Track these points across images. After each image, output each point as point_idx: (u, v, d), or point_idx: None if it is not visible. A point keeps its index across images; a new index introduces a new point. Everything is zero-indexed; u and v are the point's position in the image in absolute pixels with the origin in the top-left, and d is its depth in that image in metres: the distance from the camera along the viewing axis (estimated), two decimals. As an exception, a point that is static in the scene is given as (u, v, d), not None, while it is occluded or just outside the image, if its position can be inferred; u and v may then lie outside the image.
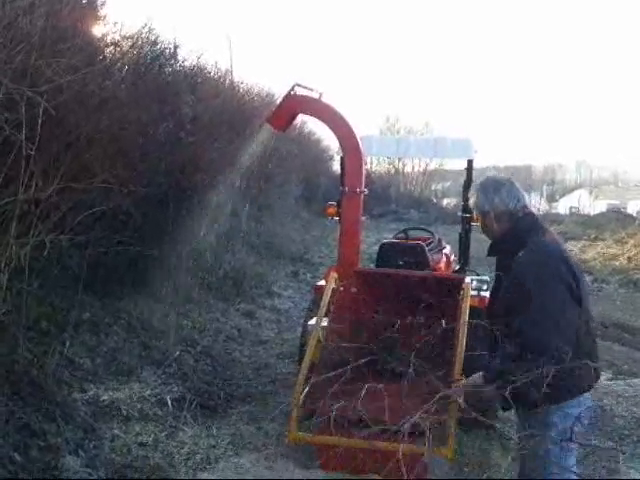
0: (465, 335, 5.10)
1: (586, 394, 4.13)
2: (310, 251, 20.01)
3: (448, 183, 49.23)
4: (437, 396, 4.11)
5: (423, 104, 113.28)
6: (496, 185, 4.30)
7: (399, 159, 41.72)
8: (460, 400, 4.21)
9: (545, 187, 69.81)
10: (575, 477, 4.22)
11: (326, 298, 5.79)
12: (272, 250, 17.16)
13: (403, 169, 45.59)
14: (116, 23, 8.06)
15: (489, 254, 4.42)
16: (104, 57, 7.59)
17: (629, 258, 21.16)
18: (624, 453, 6.61)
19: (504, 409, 4.09)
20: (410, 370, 4.66)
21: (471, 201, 4.59)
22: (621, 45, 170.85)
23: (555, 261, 4.00)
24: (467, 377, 4.38)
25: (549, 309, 3.84)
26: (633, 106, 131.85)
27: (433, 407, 4.61)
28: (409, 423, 4.39)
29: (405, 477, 5.18)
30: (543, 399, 3.62)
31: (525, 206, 4.28)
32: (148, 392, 6.84)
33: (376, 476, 5.32)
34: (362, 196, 6.76)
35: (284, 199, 21.18)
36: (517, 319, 3.85)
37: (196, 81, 10.57)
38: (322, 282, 6.87)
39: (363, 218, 7.00)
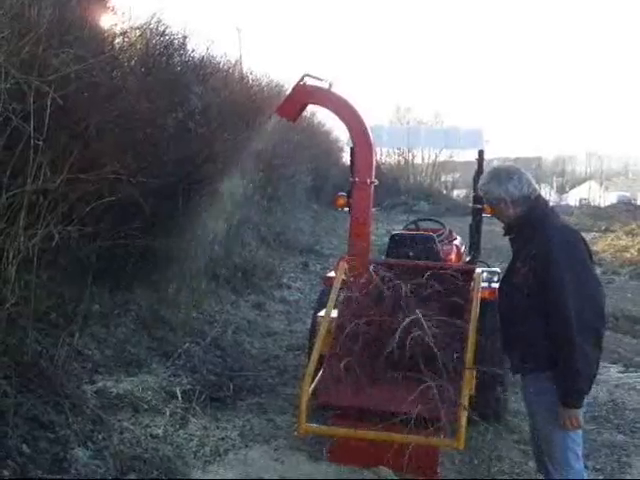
0: (475, 324, 5.09)
1: None
2: (320, 242, 19.98)
3: (458, 174, 49.10)
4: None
5: (434, 95, 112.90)
6: (508, 173, 4.45)
7: (409, 150, 41.63)
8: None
9: (555, 178, 69.62)
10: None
11: (336, 289, 5.76)
12: (282, 241, 17.14)
13: (413, 160, 45.50)
14: (124, 13, 8.05)
15: (505, 234, 4.58)
16: (112, 47, 7.56)
17: (640, 250, 21.05)
18: (636, 446, 6.57)
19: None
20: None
21: (480, 191, 4.63)
22: (632, 35, 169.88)
23: (583, 242, 4.28)
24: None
25: (586, 285, 4.12)
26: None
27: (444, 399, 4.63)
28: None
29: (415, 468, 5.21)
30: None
31: (535, 189, 4.44)
32: (157, 384, 6.84)
33: (386, 468, 5.32)
34: (372, 187, 6.72)
35: (294, 190, 21.15)
36: (552, 296, 4.07)
37: (205, 72, 10.53)
38: (332, 273, 6.84)
39: (373, 209, 6.96)
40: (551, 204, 4.74)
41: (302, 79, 6.74)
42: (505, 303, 4.53)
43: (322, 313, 5.89)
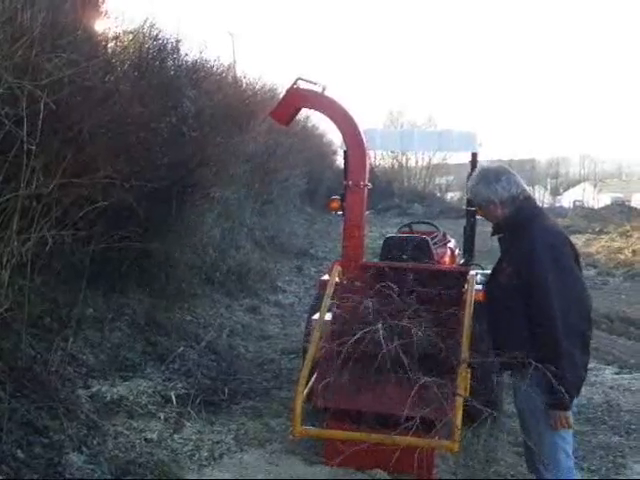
0: (470, 326, 5.09)
1: None
2: (314, 246, 20.00)
3: (451, 177, 49.13)
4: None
5: (427, 98, 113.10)
6: (496, 174, 4.44)
7: (402, 153, 41.69)
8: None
9: (549, 181, 69.72)
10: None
11: (329, 292, 5.76)
12: (276, 245, 17.15)
13: (407, 163, 45.54)
14: (117, 17, 8.05)
15: (493, 234, 4.60)
16: (105, 51, 7.56)
17: (634, 251, 21.12)
18: (631, 447, 6.57)
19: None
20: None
21: (469, 192, 4.68)
22: (626, 38, 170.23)
23: (569, 245, 4.27)
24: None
25: (572, 289, 4.11)
26: (638, 99, 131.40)
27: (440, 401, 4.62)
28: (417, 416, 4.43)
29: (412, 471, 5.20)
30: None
31: (524, 190, 4.44)
32: (152, 388, 6.83)
33: (381, 471, 5.32)
34: (366, 190, 6.72)
35: (288, 194, 21.17)
36: (537, 298, 4.08)
37: (199, 76, 10.52)
38: (326, 276, 6.84)
39: (367, 212, 6.96)
40: (544, 205, 4.74)
41: (295, 83, 6.74)
42: (491, 303, 4.54)
43: (316, 316, 5.89)
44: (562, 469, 4.25)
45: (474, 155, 8.16)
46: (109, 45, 7.92)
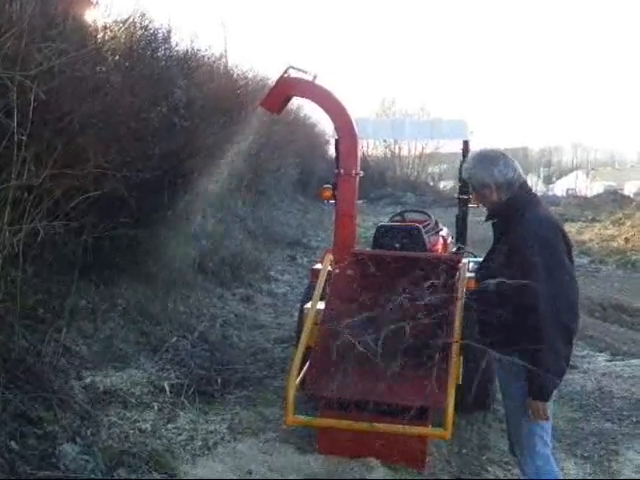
0: (462, 314, 5.09)
1: None
2: (307, 235, 20.00)
3: (444, 166, 49.14)
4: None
5: (419, 87, 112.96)
6: (493, 158, 4.36)
7: (395, 142, 41.70)
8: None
9: (542, 169, 69.86)
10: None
11: (322, 281, 5.76)
12: (269, 235, 17.13)
13: (399, 152, 45.51)
14: (107, 7, 8.03)
15: (487, 219, 4.50)
16: (96, 41, 7.53)
17: (626, 239, 21.18)
18: (623, 434, 6.59)
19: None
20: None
21: (465, 175, 4.60)
22: (616, 25, 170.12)
23: (561, 235, 4.19)
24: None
25: (559, 281, 4.03)
26: (629, 88, 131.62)
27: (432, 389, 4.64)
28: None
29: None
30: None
31: (520, 175, 4.35)
32: (145, 378, 6.82)
33: (375, 459, 5.34)
34: (357, 178, 6.72)
35: (280, 183, 21.14)
36: (524, 288, 3.98)
37: (190, 66, 10.50)
38: (318, 265, 6.85)
39: (359, 201, 6.96)
40: (537, 193, 4.67)
41: (286, 71, 6.73)
42: (482, 287, 4.51)
43: (309, 305, 5.90)
44: (537, 456, 4.26)
45: (466, 143, 8.18)
46: (99, 35, 7.89)
